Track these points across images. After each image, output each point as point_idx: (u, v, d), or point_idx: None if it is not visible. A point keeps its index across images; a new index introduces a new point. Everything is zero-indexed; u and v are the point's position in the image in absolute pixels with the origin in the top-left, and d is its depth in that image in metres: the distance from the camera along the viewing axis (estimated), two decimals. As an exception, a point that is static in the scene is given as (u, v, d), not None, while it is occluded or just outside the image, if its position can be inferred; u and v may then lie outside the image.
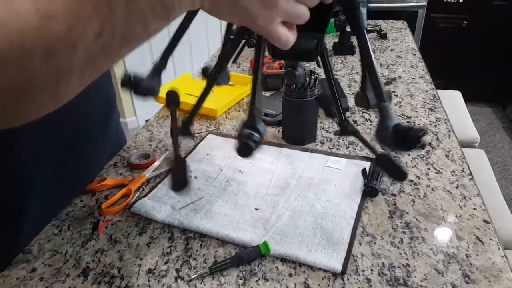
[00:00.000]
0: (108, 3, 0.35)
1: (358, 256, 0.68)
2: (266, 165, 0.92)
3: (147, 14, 0.37)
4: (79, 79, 0.38)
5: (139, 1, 0.36)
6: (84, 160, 0.86)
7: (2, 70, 0.33)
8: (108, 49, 0.37)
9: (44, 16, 0.34)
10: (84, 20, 0.35)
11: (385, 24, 2.03)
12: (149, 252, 0.71)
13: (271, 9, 0.40)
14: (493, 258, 0.66)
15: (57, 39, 0.34)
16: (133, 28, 0.37)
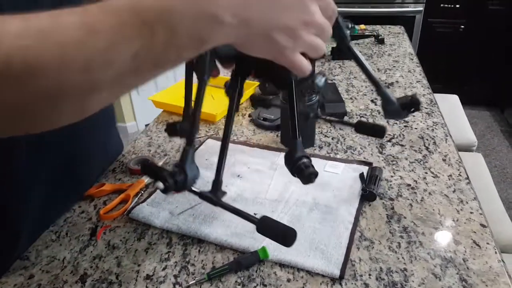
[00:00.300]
0: (151, 28, 0.38)
1: (356, 261, 0.68)
2: (264, 170, 0.92)
3: (184, 44, 0.40)
4: (107, 95, 0.40)
5: (179, 31, 0.39)
6: (82, 166, 0.86)
7: (39, 78, 0.34)
8: (140, 71, 0.40)
9: (90, 30, 0.36)
10: (126, 40, 0.37)
11: (382, 29, 2.03)
12: (147, 258, 0.71)
13: (296, 40, 0.45)
14: (490, 262, 0.67)
15: (97, 54, 0.36)
16: (168, 54, 0.40)
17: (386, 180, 0.87)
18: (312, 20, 0.46)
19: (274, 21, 0.44)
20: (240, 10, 0.41)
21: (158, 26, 0.38)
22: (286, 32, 0.45)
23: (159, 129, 1.15)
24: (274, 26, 0.44)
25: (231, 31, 0.42)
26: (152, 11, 0.38)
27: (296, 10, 0.45)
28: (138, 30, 0.37)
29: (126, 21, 0.37)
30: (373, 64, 1.57)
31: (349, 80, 1.43)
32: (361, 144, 1.02)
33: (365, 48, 1.76)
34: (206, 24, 0.40)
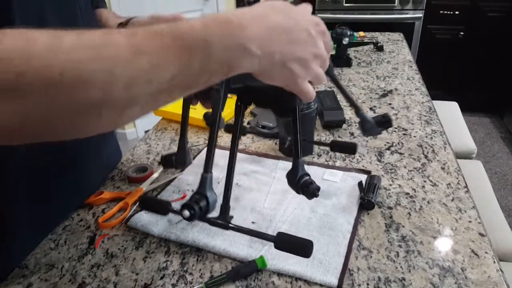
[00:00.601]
0: (189, 54, 0.43)
1: (354, 270, 0.68)
2: (263, 178, 0.93)
3: (215, 69, 0.46)
4: (140, 110, 0.44)
5: (213, 58, 0.44)
6: (81, 174, 0.86)
7: (87, 90, 0.37)
8: (174, 91, 0.44)
9: (136, 51, 0.40)
10: (167, 62, 0.42)
11: (381, 36, 2.04)
12: (145, 266, 0.71)
13: (307, 70, 0.53)
14: (488, 271, 0.66)
15: (140, 73, 0.40)
16: (200, 78, 0.45)
17: (385, 188, 0.88)
18: (320, 53, 0.54)
19: (291, 54, 0.51)
20: (265, 43, 0.48)
21: (196, 52, 0.43)
22: (300, 63, 0.52)
23: (158, 136, 1.15)
24: (291, 57, 0.51)
25: (256, 61, 0.48)
26: (192, 39, 0.43)
27: (308, 45, 0.53)
28: (179, 54, 0.42)
29: (169, 45, 0.42)
30: (372, 72, 1.57)
31: (348, 87, 1.43)
32: (360, 152, 1.02)
33: (364, 55, 1.77)
34: (236, 54, 0.46)
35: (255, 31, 0.47)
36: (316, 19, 0.55)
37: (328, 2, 3.37)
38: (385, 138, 1.08)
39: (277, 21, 0.50)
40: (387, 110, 1.24)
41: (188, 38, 0.43)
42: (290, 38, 0.51)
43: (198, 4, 3.32)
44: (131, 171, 0.96)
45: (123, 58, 0.39)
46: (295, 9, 0.54)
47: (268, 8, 0.51)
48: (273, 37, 0.49)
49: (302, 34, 0.52)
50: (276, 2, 0.53)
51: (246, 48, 0.46)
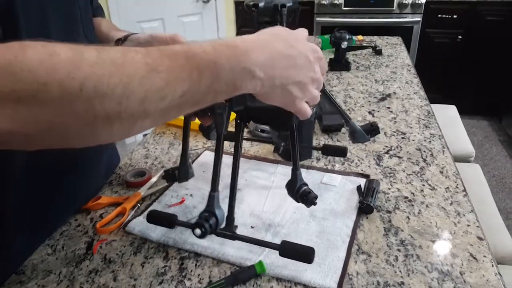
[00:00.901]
0: (200, 74, 0.46)
1: (354, 275, 0.68)
2: (262, 182, 0.92)
3: (222, 89, 0.49)
4: (150, 123, 0.47)
5: (220, 79, 0.48)
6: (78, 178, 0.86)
7: (104, 103, 0.40)
8: (183, 107, 0.48)
9: (152, 69, 0.43)
10: (179, 80, 0.45)
11: (380, 40, 2.05)
12: (144, 272, 0.70)
13: (305, 92, 0.58)
14: (486, 275, 0.66)
15: (154, 89, 0.43)
16: (207, 96, 0.49)
17: (384, 192, 0.87)
18: (317, 77, 0.59)
19: (291, 77, 0.55)
20: (267, 68, 0.52)
21: (206, 72, 0.47)
22: (298, 86, 0.56)
23: (156, 141, 1.15)
24: (290, 81, 0.55)
25: (259, 83, 0.52)
26: (203, 60, 0.47)
27: (307, 70, 0.57)
28: (190, 73, 0.46)
29: (183, 65, 0.45)
30: (370, 75, 1.58)
31: (347, 91, 1.43)
32: (359, 156, 1.02)
33: (363, 59, 1.77)
34: (241, 76, 0.50)
35: (258, 57, 0.52)
36: (313, 47, 0.60)
37: (327, 6, 3.38)
38: (383, 142, 1.08)
39: (279, 48, 0.54)
40: (385, 114, 1.24)
41: (199, 59, 0.47)
42: (291, 63, 0.55)
43: (198, 8, 3.33)
44: (129, 175, 0.96)
45: (140, 75, 0.42)
46: (296, 37, 0.58)
47: (271, 36, 0.56)
48: (275, 63, 0.53)
49: (302, 60, 0.56)
50: (279, 30, 0.58)
51: (250, 71, 0.51)
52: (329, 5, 3.38)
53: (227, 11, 3.56)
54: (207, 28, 3.48)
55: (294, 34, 0.59)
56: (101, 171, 0.95)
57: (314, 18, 3.46)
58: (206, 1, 3.34)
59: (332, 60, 1.67)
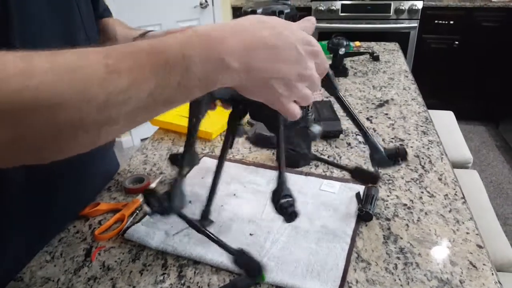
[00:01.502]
0: (168, 70, 0.42)
1: (353, 283, 0.67)
2: (260, 189, 0.92)
3: (194, 85, 0.45)
4: (119, 128, 0.43)
5: (192, 74, 0.43)
6: (77, 185, 0.85)
7: (63, 112, 0.37)
8: (152, 108, 0.44)
9: (112, 70, 0.40)
10: (143, 80, 0.41)
11: (377, 46, 2.05)
12: (142, 280, 0.70)
13: (292, 90, 0.50)
14: (486, 284, 0.66)
15: (116, 92, 0.40)
16: (179, 93, 0.45)
17: (383, 199, 0.87)
18: (308, 75, 0.51)
19: (275, 71, 0.48)
20: (244, 57, 0.46)
21: (174, 68, 0.42)
22: (284, 82, 0.49)
23: (155, 146, 1.15)
24: (274, 75, 0.49)
25: (236, 75, 0.47)
26: (168, 54, 0.42)
27: (296, 65, 0.50)
28: (155, 71, 0.42)
29: (145, 63, 0.41)
30: (368, 82, 1.58)
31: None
32: (357, 162, 1.02)
33: (360, 65, 1.78)
34: (215, 67, 0.45)
35: (234, 45, 0.46)
36: (308, 38, 0.52)
37: (324, 12, 3.40)
38: (382, 148, 1.08)
39: (262, 37, 0.48)
40: (383, 120, 1.25)
41: (164, 53, 0.43)
42: (275, 55, 0.48)
43: (195, 14, 3.33)
44: (128, 182, 0.96)
45: (98, 79, 0.39)
46: (287, 25, 0.50)
47: (255, 22, 0.49)
48: (256, 53, 0.47)
49: (290, 53, 0.49)
50: (268, 18, 0.50)
51: (225, 61, 0.45)
52: (326, 11, 3.39)
53: (224, 17, 3.57)
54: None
55: (285, 22, 0.51)
56: (100, 177, 0.95)
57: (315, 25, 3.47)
58: (203, 7, 3.34)
59: (330, 66, 1.67)
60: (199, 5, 3.32)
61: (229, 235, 0.78)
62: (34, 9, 0.64)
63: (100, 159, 0.94)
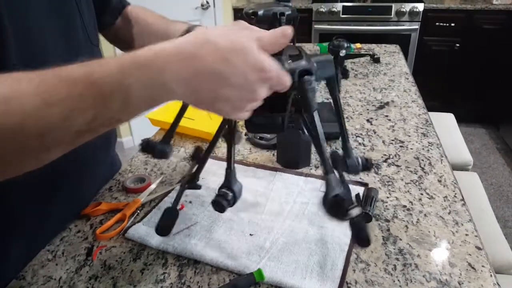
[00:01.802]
0: (105, 99, 0.42)
1: (352, 284, 0.68)
2: (261, 189, 0.93)
3: (137, 107, 0.46)
4: (63, 150, 0.45)
5: (133, 99, 0.44)
6: (79, 184, 0.86)
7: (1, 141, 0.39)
8: (95, 131, 0.45)
9: (46, 103, 0.40)
10: (81, 110, 0.41)
11: (378, 48, 2.06)
12: (143, 279, 0.70)
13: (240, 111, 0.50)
14: (485, 285, 0.67)
15: (53, 122, 0.40)
16: (122, 115, 0.46)
17: (382, 201, 0.88)
18: (257, 98, 0.50)
19: (220, 96, 0.47)
20: (188, 83, 0.46)
21: (113, 96, 0.43)
22: (231, 105, 0.49)
23: (156, 147, 1.15)
24: (219, 99, 0.48)
25: (181, 96, 0.47)
26: (106, 84, 0.42)
27: (243, 91, 0.48)
28: (93, 100, 0.42)
29: (82, 93, 0.41)
30: (368, 83, 1.59)
31: (345, 99, 1.44)
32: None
33: (361, 67, 1.78)
34: (158, 93, 0.46)
35: (179, 72, 0.45)
36: (261, 64, 0.47)
37: (325, 13, 3.40)
38: (382, 150, 1.09)
39: (207, 63, 0.45)
40: (384, 122, 1.25)
41: (103, 83, 0.42)
42: (221, 81, 0.46)
43: (197, 15, 3.34)
44: (129, 182, 0.96)
45: (33, 109, 0.39)
46: (240, 49, 0.46)
47: (201, 47, 0.46)
48: (200, 79, 0.46)
49: (237, 79, 0.46)
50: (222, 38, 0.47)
51: (168, 87, 0.45)
52: (327, 12, 3.40)
53: (225, 18, 3.57)
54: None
55: (236, 44, 0.46)
56: (102, 178, 0.96)
57: (312, 26, 3.48)
58: (205, 8, 3.35)
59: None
60: (200, 6, 3.33)
61: (230, 235, 0.78)
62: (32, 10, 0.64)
63: (103, 160, 0.94)
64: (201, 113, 0.79)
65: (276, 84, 0.50)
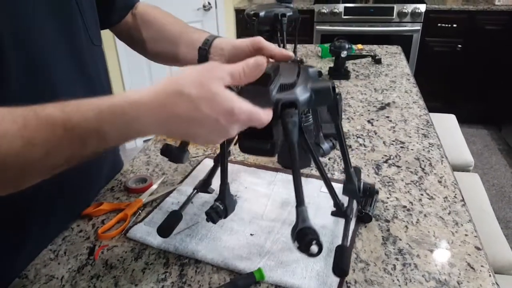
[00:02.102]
0: (82, 143, 0.47)
1: (352, 283, 0.68)
2: (261, 190, 0.93)
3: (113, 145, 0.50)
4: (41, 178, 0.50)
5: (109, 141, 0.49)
6: (81, 185, 0.86)
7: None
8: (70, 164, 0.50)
9: (27, 143, 0.44)
10: (59, 151, 0.46)
11: (379, 49, 2.06)
12: (144, 278, 0.71)
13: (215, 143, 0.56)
14: (484, 285, 0.67)
15: (32, 162, 0.45)
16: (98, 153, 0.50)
17: (382, 201, 0.88)
18: (229, 136, 0.53)
19: (192, 133, 0.51)
20: (161, 126, 0.50)
21: (89, 140, 0.47)
22: (202, 138, 0.53)
23: (158, 148, 1.16)
24: (191, 135, 0.52)
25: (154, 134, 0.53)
26: (84, 130, 0.47)
27: (215, 132, 0.51)
28: (70, 144, 0.47)
29: (61, 136, 0.46)
30: (370, 84, 1.59)
31: (346, 100, 1.44)
32: (358, 164, 1.03)
33: (362, 68, 1.79)
34: (132, 134, 0.50)
35: (150, 122, 0.49)
36: (230, 109, 0.49)
37: (327, 14, 3.41)
38: (382, 151, 1.09)
39: (179, 112, 0.48)
40: (384, 123, 1.26)
41: (80, 129, 0.46)
42: (192, 126, 0.50)
43: (199, 16, 3.35)
44: (131, 182, 0.97)
45: (15, 150, 0.44)
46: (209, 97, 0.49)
47: (174, 98, 0.49)
48: (171, 126, 0.50)
49: (209, 124, 0.50)
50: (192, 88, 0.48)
51: (141, 131, 0.50)
52: (329, 13, 3.40)
53: (227, 19, 3.59)
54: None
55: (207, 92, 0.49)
56: (103, 177, 0.96)
57: (314, 27, 3.49)
58: (207, 9, 3.36)
59: (332, 69, 1.68)
60: (202, 8, 3.34)
61: (230, 235, 0.79)
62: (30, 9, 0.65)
63: (105, 160, 0.95)
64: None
65: (248, 123, 0.53)
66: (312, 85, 0.63)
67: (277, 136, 0.61)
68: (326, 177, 0.71)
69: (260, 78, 0.57)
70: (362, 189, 0.75)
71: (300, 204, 0.57)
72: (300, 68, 0.68)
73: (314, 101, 0.63)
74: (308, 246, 0.54)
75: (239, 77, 0.52)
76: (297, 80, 0.63)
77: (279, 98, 0.58)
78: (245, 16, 1.54)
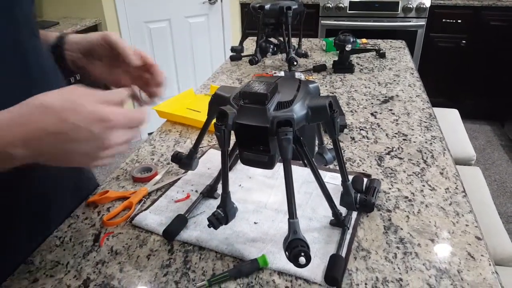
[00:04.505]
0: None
1: (353, 270, 0.69)
2: (266, 180, 0.94)
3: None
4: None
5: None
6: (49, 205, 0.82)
7: None
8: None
9: None
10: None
11: (384, 43, 2.06)
12: (149, 264, 0.72)
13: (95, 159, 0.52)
14: (484, 274, 0.68)
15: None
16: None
17: (384, 192, 0.89)
18: (110, 145, 0.51)
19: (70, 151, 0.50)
20: (25, 144, 0.48)
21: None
22: (82, 156, 0.51)
23: (162, 138, 1.17)
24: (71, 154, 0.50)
25: (25, 158, 0.49)
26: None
27: (92, 141, 0.50)
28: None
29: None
30: (373, 78, 1.59)
31: (350, 93, 1.45)
32: (360, 156, 1.04)
33: (366, 62, 1.79)
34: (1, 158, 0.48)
35: (14, 138, 0.47)
36: (102, 116, 0.50)
37: (332, 9, 3.40)
38: (385, 143, 1.10)
39: (44, 125, 0.48)
40: (388, 115, 1.26)
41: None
42: (63, 139, 0.49)
43: (204, 9, 3.35)
44: (136, 171, 0.98)
45: None
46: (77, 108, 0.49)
47: (35, 110, 0.48)
48: (39, 141, 0.48)
49: (82, 135, 0.49)
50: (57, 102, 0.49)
51: (8, 152, 0.47)
52: (334, 8, 3.40)
53: (232, 13, 3.58)
54: (212, 29, 3.51)
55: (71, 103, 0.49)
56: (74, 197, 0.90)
57: (319, 21, 3.49)
58: (212, 3, 3.36)
59: (336, 63, 1.68)
60: (207, 1, 3.34)
61: (234, 223, 0.80)
62: None
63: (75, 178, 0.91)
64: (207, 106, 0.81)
65: (129, 124, 0.53)
66: (310, 103, 0.66)
67: (273, 151, 0.65)
68: (325, 188, 0.74)
69: (257, 97, 0.63)
70: (358, 201, 0.76)
71: (292, 216, 0.62)
72: (301, 82, 0.71)
73: (311, 118, 0.66)
74: (297, 257, 0.58)
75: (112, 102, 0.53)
76: (296, 95, 0.66)
77: (275, 116, 0.62)
78: (251, 9, 1.55)
